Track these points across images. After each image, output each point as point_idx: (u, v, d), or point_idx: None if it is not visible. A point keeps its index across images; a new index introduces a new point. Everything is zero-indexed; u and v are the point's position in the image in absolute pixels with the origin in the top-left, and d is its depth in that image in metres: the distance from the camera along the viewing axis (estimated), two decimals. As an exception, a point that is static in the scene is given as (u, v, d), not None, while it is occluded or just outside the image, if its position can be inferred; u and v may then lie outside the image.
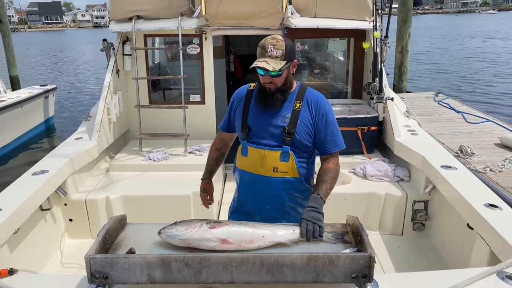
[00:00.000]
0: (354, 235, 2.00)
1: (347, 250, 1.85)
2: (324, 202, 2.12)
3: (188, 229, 1.87)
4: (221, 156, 2.62)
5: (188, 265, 1.67)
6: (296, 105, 2.23)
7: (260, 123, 2.25)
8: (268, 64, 2.07)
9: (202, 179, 2.68)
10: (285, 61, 2.11)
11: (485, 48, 26.84)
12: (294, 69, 2.23)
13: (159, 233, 1.93)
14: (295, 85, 2.30)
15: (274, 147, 2.22)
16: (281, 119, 2.22)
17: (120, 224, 2.08)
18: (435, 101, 9.27)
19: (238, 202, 2.46)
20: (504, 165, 5.40)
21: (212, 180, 2.71)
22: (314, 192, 2.15)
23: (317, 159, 2.39)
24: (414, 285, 1.94)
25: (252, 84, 2.38)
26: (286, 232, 1.92)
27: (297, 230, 1.95)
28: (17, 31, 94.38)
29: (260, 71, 2.14)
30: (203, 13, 4.53)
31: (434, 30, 46.58)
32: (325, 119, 2.23)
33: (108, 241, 1.92)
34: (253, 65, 2.11)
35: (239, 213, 2.44)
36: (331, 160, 2.27)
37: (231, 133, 2.51)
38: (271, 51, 2.09)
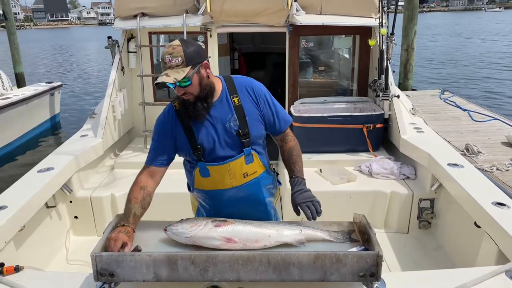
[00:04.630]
0: (361, 233, 1.98)
1: (354, 249, 1.83)
2: (305, 179, 2.13)
3: (194, 227, 1.86)
4: (147, 197, 2.07)
5: (195, 263, 1.66)
6: (234, 100, 2.07)
7: (212, 138, 2.06)
8: (169, 76, 1.87)
9: (121, 225, 1.92)
10: (189, 67, 1.91)
11: (492, 46, 26.62)
12: (208, 71, 2.02)
13: (165, 230, 1.92)
14: (219, 83, 2.11)
15: (236, 156, 2.09)
16: (229, 123, 2.05)
17: (125, 221, 2.07)
18: (441, 99, 9.19)
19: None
20: (511, 164, 5.35)
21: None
22: (292, 176, 2.14)
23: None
24: (421, 284, 1.93)
25: (176, 103, 2.12)
26: (293, 232, 1.91)
27: (304, 230, 1.94)
28: (22, 29, 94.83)
29: (170, 85, 1.90)
30: (208, 10, 4.51)
31: (439, 28, 46.27)
32: (266, 100, 2.12)
33: (114, 239, 1.92)
34: (156, 81, 1.90)
35: None
36: (287, 138, 2.23)
37: (164, 168, 2.17)
38: (169, 61, 1.89)
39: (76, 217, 3.76)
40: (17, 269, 2.05)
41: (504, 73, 16.91)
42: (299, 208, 2.04)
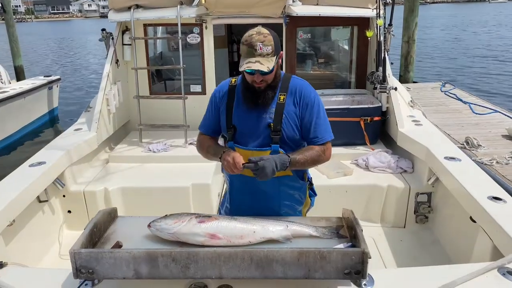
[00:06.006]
0: (349, 229, 1.93)
1: (341, 245, 1.79)
2: (287, 166, 1.99)
3: (177, 223, 1.82)
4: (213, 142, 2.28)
5: (175, 260, 1.62)
6: (280, 97, 2.09)
7: (246, 122, 2.11)
8: (262, 64, 1.92)
9: (222, 153, 2.12)
10: (276, 56, 1.98)
11: (494, 38, 26.32)
12: (280, 61, 2.11)
13: (149, 226, 1.88)
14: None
15: (262, 147, 2.09)
16: (265, 115, 2.08)
17: (109, 217, 2.04)
18: (442, 91, 9.09)
19: (232, 205, 2.33)
20: (511, 157, 5.28)
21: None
22: (285, 153, 2.05)
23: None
24: (411, 280, 1.88)
25: (233, 79, 2.22)
26: (279, 228, 1.86)
27: (290, 226, 1.89)
28: (24, 21, 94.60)
29: (249, 71, 1.96)
30: (203, 2, 4.45)
31: (442, 19, 45.81)
32: (309, 109, 2.09)
33: (97, 235, 1.88)
34: (244, 67, 1.93)
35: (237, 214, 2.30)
36: (319, 145, 2.15)
37: (214, 137, 2.30)
38: (260, 49, 1.92)
39: (69, 211, 3.73)
40: (0, 265, 2.02)
41: (507, 65, 16.72)
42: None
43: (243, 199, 2.23)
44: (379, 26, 4.23)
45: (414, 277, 1.91)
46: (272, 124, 2.06)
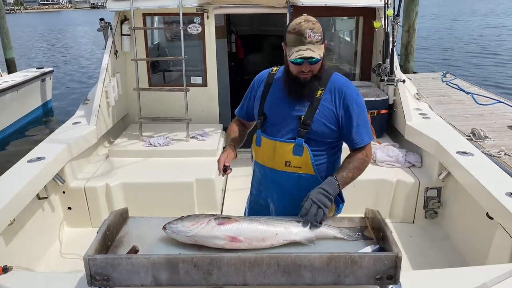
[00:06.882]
0: (374, 230, 1.85)
1: (368, 248, 1.70)
2: (340, 189, 1.95)
3: (195, 225, 1.72)
4: (244, 130, 2.33)
5: (197, 266, 1.52)
6: (318, 92, 1.99)
7: (277, 111, 2.05)
8: (314, 51, 1.84)
9: (224, 146, 2.22)
10: (323, 44, 1.91)
11: (494, 27, 26.33)
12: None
13: (164, 228, 1.78)
14: None
15: (287, 139, 2.02)
16: (298, 107, 2.01)
17: (121, 218, 1.94)
18: (443, 82, 9.00)
19: (251, 194, 2.33)
20: (519, 148, 5.22)
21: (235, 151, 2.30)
22: (332, 175, 1.96)
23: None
24: (438, 283, 1.81)
25: (275, 68, 2.17)
26: (302, 230, 1.77)
27: (313, 227, 1.79)
28: (13, 13, 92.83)
29: (292, 60, 1.87)
30: (205, -10, 4.30)
31: (442, 8, 45.73)
32: (350, 110, 1.99)
33: (109, 238, 1.78)
34: (296, 55, 1.84)
35: (255, 204, 2.31)
36: (359, 151, 2.07)
37: (248, 122, 2.32)
38: (310, 37, 1.83)
39: (69, 208, 3.62)
40: (5, 269, 1.92)
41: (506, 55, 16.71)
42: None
43: (261, 188, 2.22)
44: (388, 17, 4.11)
45: (440, 279, 1.84)
46: (303, 117, 1.98)
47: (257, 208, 2.29)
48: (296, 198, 1.99)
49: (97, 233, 1.69)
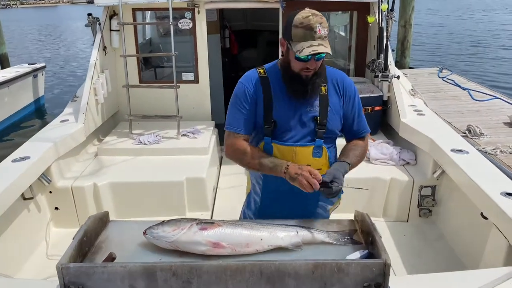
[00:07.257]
0: (363, 234, 1.78)
1: (357, 253, 1.63)
2: (348, 169, 1.92)
3: (176, 230, 1.64)
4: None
5: (176, 275, 1.45)
6: (321, 89, 1.92)
7: (288, 116, 1.92)
8: (326, 47, 1.76)
9: (287, 165, 1.87)
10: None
11: (490, 22, 26.24)
12: None
13: (144, 233, 1.71)
14: None
15: (306, 142, 1.93)
16: (309, 108, 1.92)
17: (101, 222, 1.86)
18: (439, 77, 8.94)
19: (262, 205, 2.11)
20: (515, 146, 5.16)
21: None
22: (343, 161, 1.92)
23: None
24: (430, 288, 1.75)
25: (261, 70, 1.98)
26: (288, 235, 1.70)
27: (300, 232, 1.73)
28: (9, 7, 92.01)
29: (303, 57, 1.78)
30: (195, -16, 4.20)
31: (438, 2, 45.59)
32: (352, 101, 1.98)
33: (87, 244, 1.70)
34: (311, 51, 1.74)
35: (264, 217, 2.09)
36: (361, 140, 2.07)
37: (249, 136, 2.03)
38: (319, 31, 1.76)
39: (56, 208, 3.54)
40: (-20, 276, 1.84)
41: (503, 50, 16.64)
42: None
43: (277, 197, 2.04)
44: (382, 11, 4.03)
45: (432, 285, 1.78)
46: (318, 117, 1.92)
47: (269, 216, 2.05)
48: (316, 201, 2.03)
49: (73, 239, 1.61)
